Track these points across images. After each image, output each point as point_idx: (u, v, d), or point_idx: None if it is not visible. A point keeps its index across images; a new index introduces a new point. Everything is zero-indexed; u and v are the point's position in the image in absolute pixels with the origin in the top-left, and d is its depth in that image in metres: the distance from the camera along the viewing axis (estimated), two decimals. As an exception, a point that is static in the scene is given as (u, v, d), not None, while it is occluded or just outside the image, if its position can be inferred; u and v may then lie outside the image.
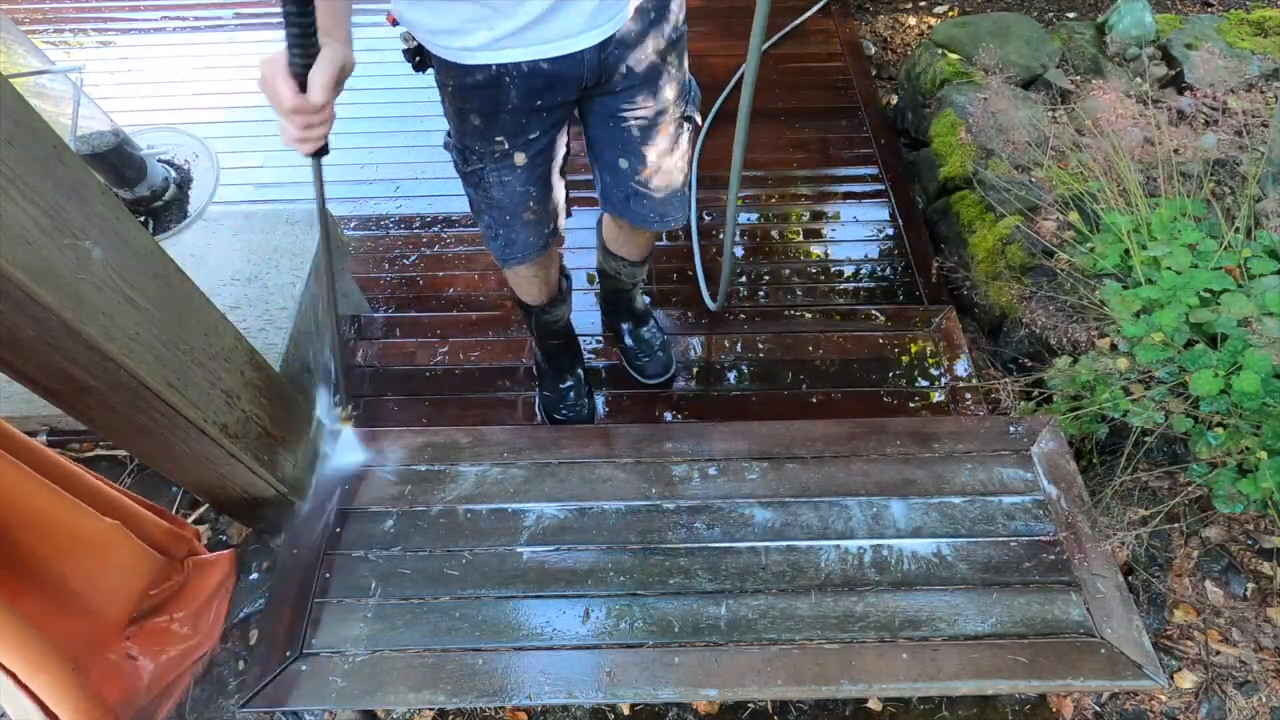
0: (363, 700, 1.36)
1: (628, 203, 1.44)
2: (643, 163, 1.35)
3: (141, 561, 1.41)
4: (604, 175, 1.43)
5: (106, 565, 1.35)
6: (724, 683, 1.36)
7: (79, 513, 1.27)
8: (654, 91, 1.26)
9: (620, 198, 1.44)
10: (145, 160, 2.31)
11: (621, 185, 1.41)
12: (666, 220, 1.48)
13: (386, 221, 2.52)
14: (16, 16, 3.23)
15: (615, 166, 1.38)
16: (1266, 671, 1.44)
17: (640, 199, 1.42)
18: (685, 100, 1.34)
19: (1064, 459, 1.61)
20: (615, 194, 1.44)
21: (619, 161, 1.37)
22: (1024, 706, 1.49)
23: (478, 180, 1.31)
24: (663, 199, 1.43)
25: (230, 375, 1.34)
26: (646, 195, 1.42)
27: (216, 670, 1.52)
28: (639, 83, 1.24)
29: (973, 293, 2.09)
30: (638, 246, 1.70)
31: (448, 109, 1.25)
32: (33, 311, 0.99)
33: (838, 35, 3.15)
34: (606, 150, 1.37)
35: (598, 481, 1.61)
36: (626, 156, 1.35)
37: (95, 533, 1.31)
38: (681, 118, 1.35)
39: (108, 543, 1.34)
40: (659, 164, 1.37)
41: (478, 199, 1.36)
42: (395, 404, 1.99)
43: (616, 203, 1.46)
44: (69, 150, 1.01)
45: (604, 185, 1.45)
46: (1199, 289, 1.52)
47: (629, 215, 1.48)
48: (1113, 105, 1.85)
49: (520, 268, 1.49)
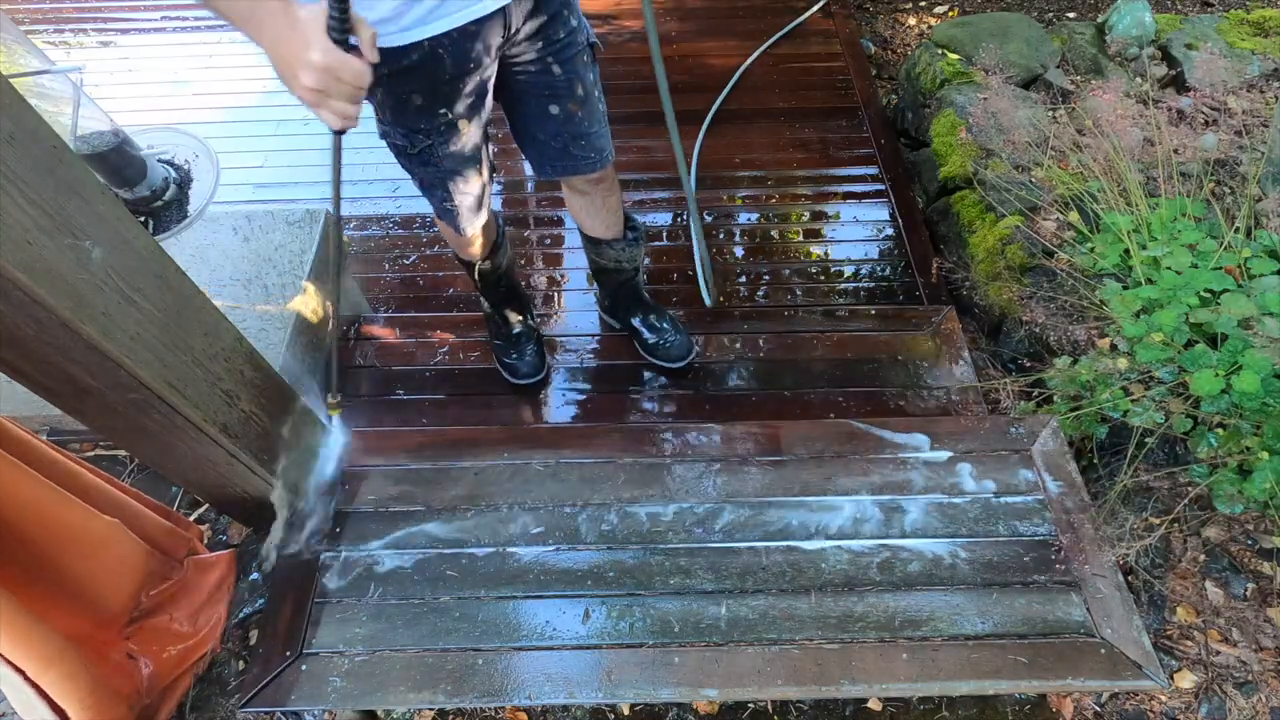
0: (363, 700, 1.36)
1: (567, 151, 1.48)
2: (572, 98, 1.40)
3: (140, 559, 1.41)
4: (537, 134, 1.46)
5: (105, 562, 1.35)
6: (724, 683, 1.36)
7: (78, 510, 1.28)
8: (564, 21, 1.31)
9: (559, 149, 1.48)
10: (145, 160, 2.32)
11: (557, 136, 1.45)
12: (605, 155, 1.53)
13: (386, 221, 2.52)
14: (16, 16, 3.23)
15: (545, 116, 1.42)
16: (1266, 671, 1.44)
17: (578, 140, 1.47)
18: (585, 26, 1.39)
19: (1064, 459, 1.61)
20: (553, 148, 1.48)
21: (549, 109, 1.41)
22: (1024, 706, 1.49)
23: (428, 157, 1.36)
24: (596, 133, 1.48)
25: (230, 375, 1.34)
26: (582, 135, 1.46)
27: (216, 670, 1.52)
28: (551, 15, 1.29)
29: (973, 293, 2.09)
30: (608, 211, 1.73)
31: (383, 100, 1.28)
32: (33, 311, 0.99)
33: (838, 35, 3.15)
34: (534, 104, 1.41)
35: (598, 481, 1.61)
36: (555, 100, 1.40)
37: (94, 530, 1.31)
38: (587, 43, 1.39)
39: (106, 540, 1.34)
40: (585, 95, 1.41)
41: (429, 175, 1.41)
42: (395, 404, 1.99)
43: (556, 156, 1.49)
44: (69, 150, 1.01)
45: (539, 146, 1.49)
46: (1199, 289, 1.52)
47: (571, 165, 1.51)
48: (1113, 105, 1.85)
49: (470, 229, 1.54)
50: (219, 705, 1.49)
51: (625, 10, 3.25)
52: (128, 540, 1.37)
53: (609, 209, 1.72)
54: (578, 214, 1.76)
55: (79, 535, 1.29)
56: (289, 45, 0.94)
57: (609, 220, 1.75)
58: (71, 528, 1.27)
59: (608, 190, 1.67)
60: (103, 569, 1.35)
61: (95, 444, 1.85)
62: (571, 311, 2.27)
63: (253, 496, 1.50)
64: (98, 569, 1.34)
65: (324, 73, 0.94)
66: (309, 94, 0.97)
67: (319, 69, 0.93)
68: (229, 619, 1.56)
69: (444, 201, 1.46)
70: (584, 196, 1.68)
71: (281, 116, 2.84)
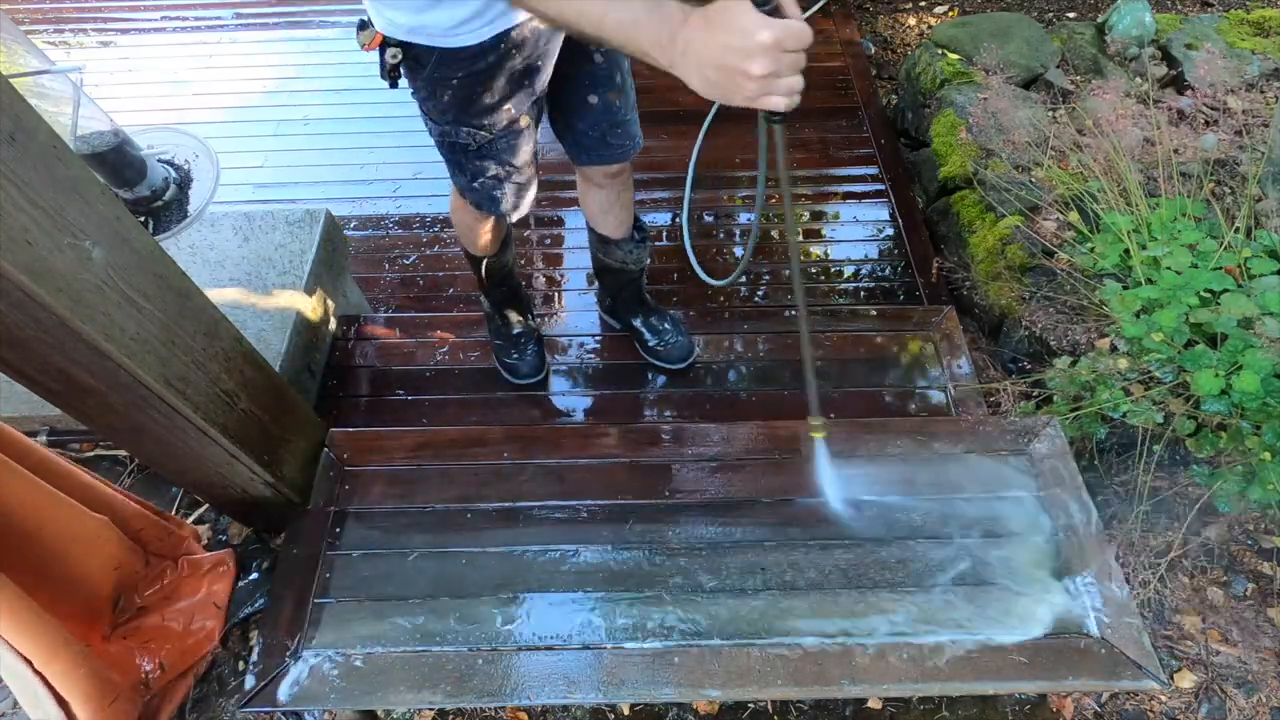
0: (363, 700, 1.36)
1: (605, 140, 1.51)
2: (611, 87, 1.42)
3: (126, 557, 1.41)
4: (576, 124, 1.49)
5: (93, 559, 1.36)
6: (724, 683, 1.35)
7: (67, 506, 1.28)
8: None
9: (597, 138, 1.50)
10: (145, 160, 2.32)
11: (596, 125, 1.48)
12: (637, 140, 1.57)
13: (386, 221, 2.52)
14: (16, 16, 3.23)
15: (585, 106, 1.45)
16: (1266, 671, 1.44)
17: (615, 129, 1.49)
18: None
19: (1064, 459, 1.60)
20: (591, 136, 1.50)
21: (588, 99, 1.43)
22: (1024, 706, 1.49)
23: (488, 150, 1.38)
24: (632, 120, 1.52)
25: (230, 375, 1.34)
26: (619, 124, 1.49)
27: (216, 670, 1.52)
28: None
29: (973, 293, 2.09)
30: (622, 208, 1.74)
31: (451, 100, 1.28)
32: (33, 311, 0.99)
33: (838, 35, 3.15)
34: (575, 94, 1.43)
35: (598, 481, 1.60)
36: (595, 90, 1.42)
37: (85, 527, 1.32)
38: None
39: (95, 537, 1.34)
40: (622, 81, 1.44)
41: (484, 168, 1.42)
42: (395, 404, 1.99)
43: (594, 146, 1.52)
44: (69, 150, 1.01)
45: (576, 135, 1.51)
46: (1199, 289, 1.52)
47: (608, 154, 1.54)
48: (1113, 105, 1.85)
49: (518, 215, 1.56)
50: (219, 705, 1.49)
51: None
52: (115, 538, 1.38)
53: (623, 204, 1.73)
54: (591, 210, 1.76)
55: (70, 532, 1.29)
56: (727, 47, 0.81)
57: (621, 217, 1.76)
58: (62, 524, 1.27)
59: (623, 185, 1.68)
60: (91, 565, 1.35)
61: (95, 444, 1.84)
62: (572, 311, 2.27)
63: (253, 496, 1.50)
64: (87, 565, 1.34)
65: (775, 50, 0.80)
66: (759, 84, 0.82)
67: (770, 48, 0.80)
68: (229, 619, 1.56)
69: (494, 191, 1.47)
70: (600, 190, 1.69)
71: (281, 116, 2.85)
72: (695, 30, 0.83)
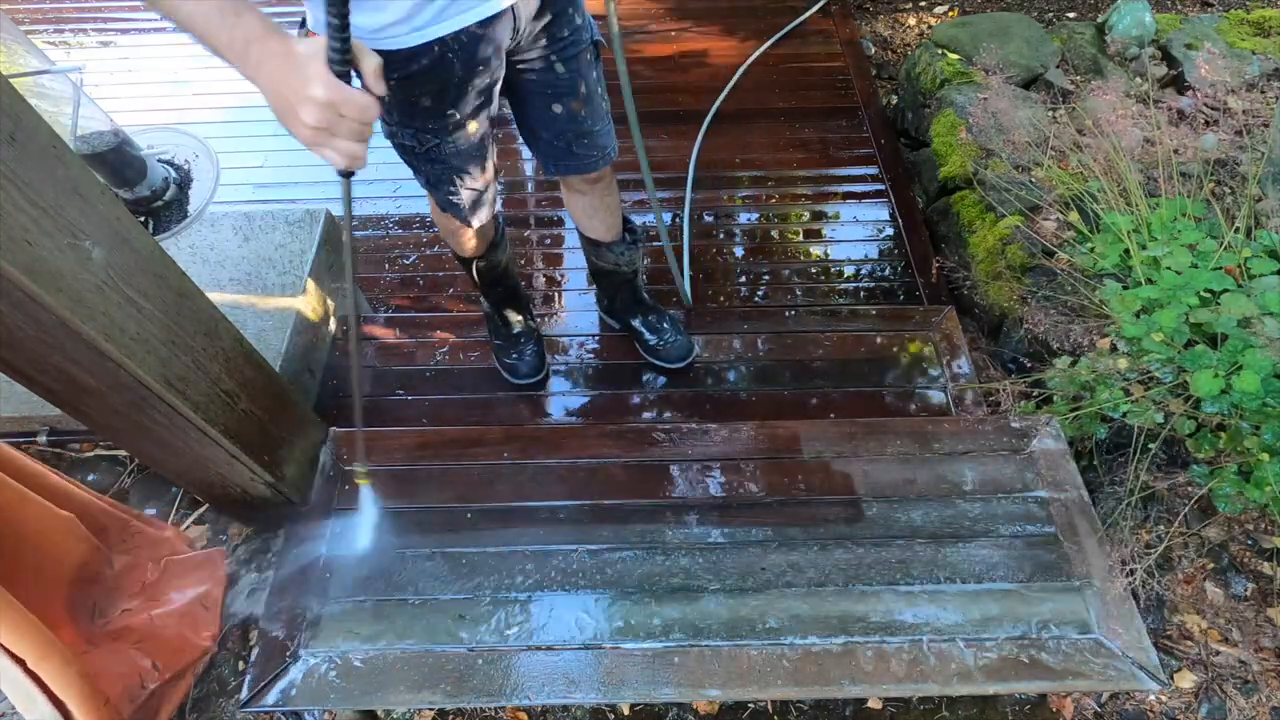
0: (363, 700, 1.36)
1: (571, 150, 1.49)
2: (575, 96, 1.41)
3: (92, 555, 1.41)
4: (541, 134, 1.48)
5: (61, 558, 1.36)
6: (724, 683, 1.36)
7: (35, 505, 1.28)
8: (568, 20, 1.32)
9: (563, 148, 1.49)
10: (145, 160, 2.32)
11: (561, 134, 1.46)
12: (608, 152, 1.54)
13: (386, 221, 2.52)
14: (16, 16, 3.23)
15: (550, 116, 1.43)
16: (1266, 671, 1.44)
17: (581, 139, 1.47)
18: (590, 24, 1.40)
19: (1064, 459, 1.61)
20: (557, 146, 1.49)
21: (552, 108, 1.42)
22: (1024, 706, 1.49)
23: (435, 154, 1.37)
24: (600, 130, 1.49)
25: (230, 375, 1.34)
26: (586, 133, 1.47)
27: (216, 670, 1.52)
28: (557, 14, 1.29)
29: (973, 293, 2.09)
30: (607, 212, 1.73)
31: (392, 103, 1.28)
32: (33, 312, 0.99)
33: (838, 35, 3.15)
34: (538, 102, 1.42)
35: (598, 481, 1.61)
36: (559, 99, 1.40)
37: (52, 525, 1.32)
38: (591, 41, 1.40)
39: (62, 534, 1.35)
40: (588, 93, 1.42)
41: (436, 171, 1.41)
42: (395, 404, 1.99)
43: (561, 155, 1.51)
44: (69, 150, 1.01)
45: (543, 144, 1.50)
46: (1199, 289, 1.52)
47: (575, 164, 1.53)
48: (1113, 105, 1.85)
49: (478, 222, 1.55)
50: (219, 705, 1.49)
51: (625, 11, 3.25)
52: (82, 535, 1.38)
53: (607, 209, 1.73)
54: (577, 215, 1.76)
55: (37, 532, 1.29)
56: (287, 82, 0.86)
57: (608, 221, 1.75)
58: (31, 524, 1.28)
59: (605, 190, 1.67)
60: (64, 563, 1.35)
61: (95, 444, 1.84)
62: (571, 311, 2.27)
63: (253, 496, 1.50)
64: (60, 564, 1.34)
65: (327, 108, 0.86)
66: (312, 134, 0.89)
67: (322, 104, 0.86)
68: (226, 619, 1.56)
69: (450, 196, 1.46)
70: (583, 196, 1.68)
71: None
72: (271, 53, 0.86)
